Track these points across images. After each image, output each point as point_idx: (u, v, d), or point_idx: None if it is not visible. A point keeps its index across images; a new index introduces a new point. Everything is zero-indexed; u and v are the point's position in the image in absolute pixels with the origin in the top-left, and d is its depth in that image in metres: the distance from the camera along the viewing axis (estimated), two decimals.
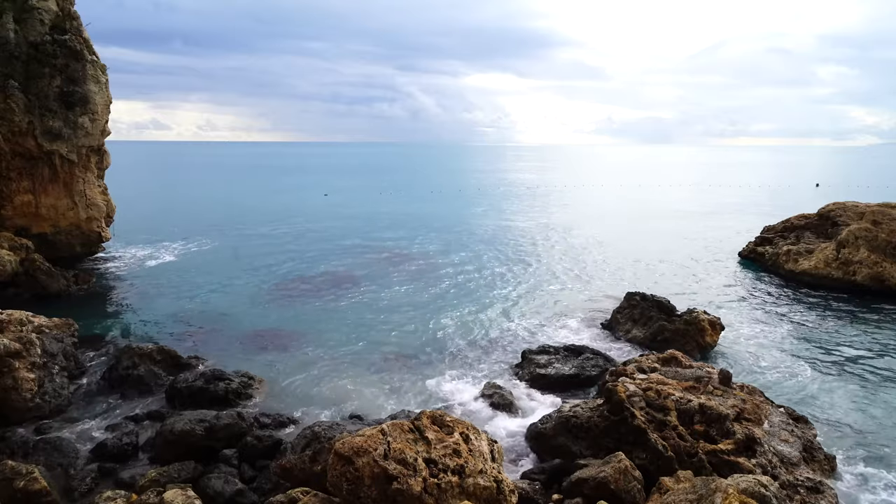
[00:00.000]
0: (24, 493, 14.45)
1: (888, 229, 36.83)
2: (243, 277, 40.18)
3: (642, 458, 15.68)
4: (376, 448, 12.57)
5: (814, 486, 14.98)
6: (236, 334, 28.80)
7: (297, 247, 51.44)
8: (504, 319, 31.61)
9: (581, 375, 22.84)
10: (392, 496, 12.04)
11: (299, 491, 13.82)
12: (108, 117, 42.36)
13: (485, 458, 13.39)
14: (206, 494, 15.06)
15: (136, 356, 23.24)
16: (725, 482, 12.13)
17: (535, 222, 68.38)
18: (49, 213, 40.00)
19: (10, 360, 19.60)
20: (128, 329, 29.73)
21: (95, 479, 16.44)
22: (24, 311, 22.56)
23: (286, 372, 24.38)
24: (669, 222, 68.34)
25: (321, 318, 31.30)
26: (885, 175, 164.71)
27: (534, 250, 50.82)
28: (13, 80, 36.42)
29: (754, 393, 18.92)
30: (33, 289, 34.00)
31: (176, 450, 17.25)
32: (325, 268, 43.35)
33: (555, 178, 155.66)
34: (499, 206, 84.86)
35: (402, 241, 54.97)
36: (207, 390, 20.88)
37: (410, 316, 31.84)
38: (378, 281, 39.38)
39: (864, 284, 35.85)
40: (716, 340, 27.02)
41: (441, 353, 26.75)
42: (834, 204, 44.53)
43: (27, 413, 19.31)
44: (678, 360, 20.66)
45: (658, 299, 28.87)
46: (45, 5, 38.35)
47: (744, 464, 14.92)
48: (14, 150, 37.70)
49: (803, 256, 40.00)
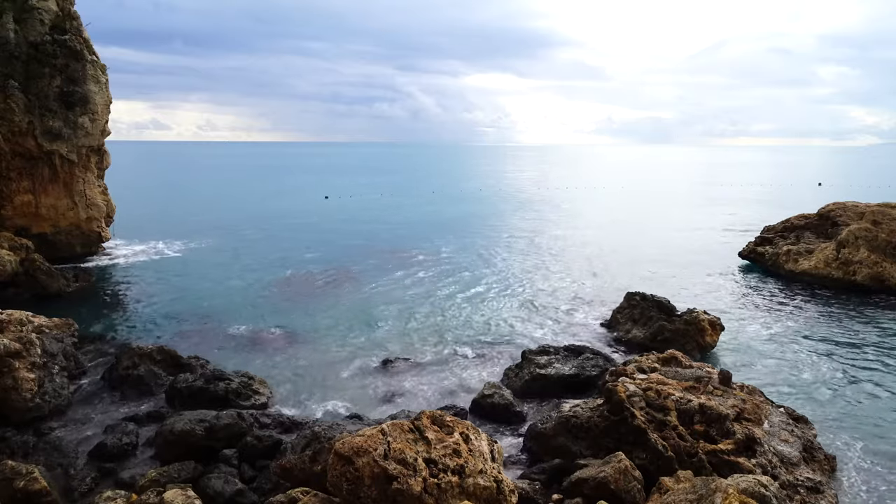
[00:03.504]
0: (24, 493, 14.45)
1: (888, 229, 36.84)
2: (243, 277, 40.20)
3: (642, 458, 15.67)
4: (376, 448, 12.56)
5: (814, 486, 14.99)
6: (237, 334, 28.81)
7: (296, 247, 51.45)
8: (504, 319, 31.61)
9: (581, 375, 22.82)
10: (392, 496, 12.03)
11: (299, 491, 13.82)
12: (108, 117, 42.40)
13: (485, 458, 13.39)
14: (206, 494, 15.05)
15: (136, 356, 23.24)
16: (725, 482, 12.12)
17: (534, 222, 68.43)
18: (49, 213, 40.03)
19: (10, 360, 19.60)
20: (128, 329, 29.73)
21: (95, 479, 16.45)
22: (24, 311, 22.57)
23: (286, 372, 24.40)
24: (669, 222, 68.41)
25: (321, 318, 31.31)
26: (885, 175, 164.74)
27: (533, 250, 50.85)
28: (13, 80, 36.45)
29: (754, 393, 18.92)
30: (33, 289, 34.02)
31: (176, 450, 17.24)
32: (325, 268, 43.36)
33: (555, 178, 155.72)
34: (499, 207, 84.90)
35: (402, 241, 55.00)
36: (207, 390, 20.88)
37: (410, 316, 31.86)
38: (378, 281, 39.40)
39: (864, 284, 35.85)
40: (716, 340, 27.01)
41: (441, 352, 26.76)
42: (834, 204, 44.52)
43: (27, 413, 19.30)
44: (678, 360, 20.66)
45: (658, 299, 28.87)
46: (45, 5, 38.38)
47: (744, 464, 14.91)
48: (14, 150, 37.72)
49: (803, 256, 40.00)
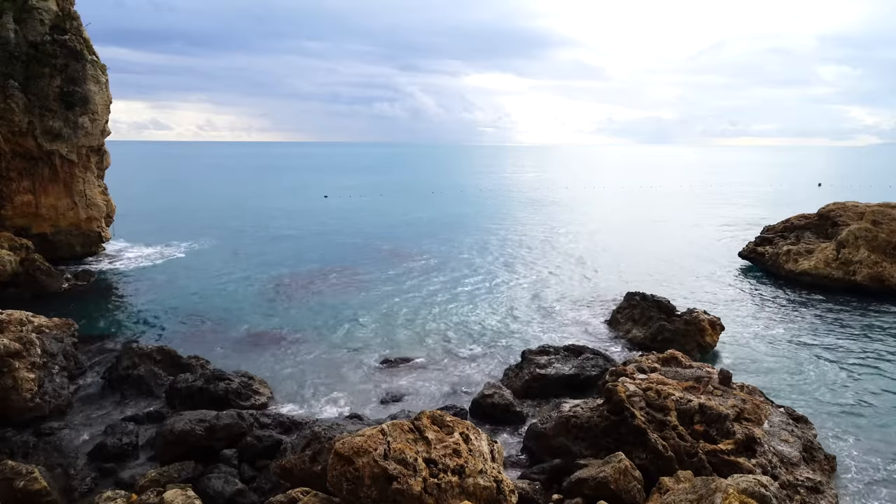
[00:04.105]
0: (24, 493, 14.45)
1: (888, 229, 36.83)
2: (243, 277, 40.19)
3: (642, 458, 15.67)
4: (376, 448, 12.56)
5: (814, 486, 14.98)
6: (236, 334, 28.81)
7: (296, 247, 51.47)
8: (504, 319, 31.62)
9: (581, 375, 22.82)
10: (392, 496, 12.03)
11: (299, 491, 13.82)
12: (108, 117, 42.38)
13: (485, 458, 13.39)
14: (206, 494, 15.05)
15: (136, 356, 23.24)
16: (725, 482, 12.12)
17: (534, 223, 68.42)
18: (49, 213, 40.02)
19: (10, 360, 19.60)
20: (128, 329, 29.74)
21: (95, 479, 16.47)
22: (24, 311, 22.57)
23: (286, 372, 24.40)
24: (669, 222, 68.42)
25: (321, 318, 31.31)
26: (885, 175, 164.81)
27: (534, 251, 50.85)
28: (13, 80, 36.45)
29: (754, 393, 18.92)
30: (33, 289, 34.04)
31: (176, 450, 17.25)
32: (324, 268, 43.35)
33: (555, 178, 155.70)
34: (499, 207, 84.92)
35: (402, 241, 55.00)
36: (207, 390, 20.87)
37: (410, 316, 31.87)
38: (378, 281, 39.40)
39: (864, 284, 35.84)
40: (716, 340, 27.01)
41: (441, 352, 26.77)
42: (834, 204, 44.51)
43: (27, 413, 19.31)
44: (678, 360, 20.66)
45: (658, 299, 28.88)
46: (45, 5, 38.37)
47: (744, 464, 14.91)
48: (14, 150, 37.72)
49: (803, 256, 39.98)
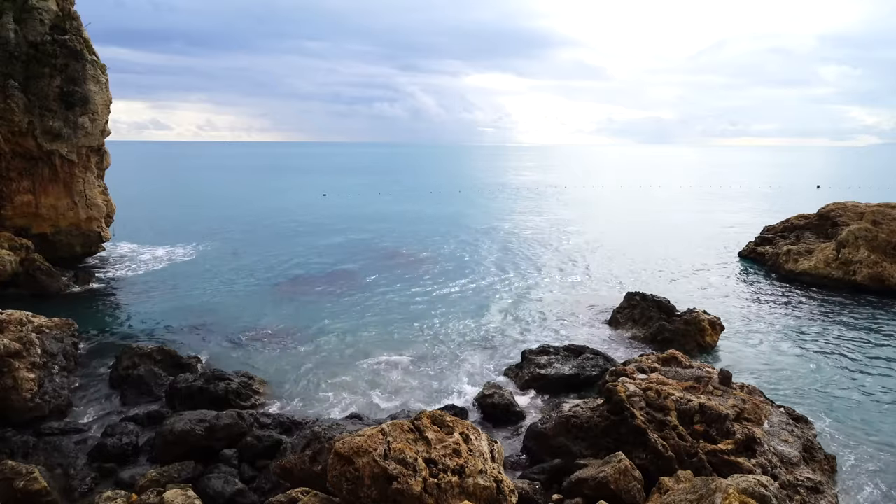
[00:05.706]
0: (24, 493, 14.45)
1: (888, 229, 36.83)
2: (243, 277, 40.20)
3: (642, 458, 15.67)
4: (376, 448, 12.56)
5: (814, 486, 14.98)
6: (236, 334, 28.80)
7: (296, 247, 51.45)
8: (504, 319, 31.61)
9: (581, 375, 22.84)
10: (392, 496, 12.03)
11: (299, 491, 13.82)
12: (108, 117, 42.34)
13: (485, 458, 13.39)
14: (206, 494, 15.06)
15: (136, 356, 23.25)
16: (725, 482, 12.12)
17: (535, 223, 68.41)
18: (49, 213, 39.97)
19: (10, 360, 19.60)
20: (128, 329, 29.73)
21: (95, 479, 16.46)
22: (24, 311, 22.58)
23: (286, 372, 24.39)
24: (669, 222, 68.38)
25: (321, 318, 31.30)
26: (885, 175, 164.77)
27: (534, 251, 50.83)
28: (13, 80, 36.40)
29: (754, 393, 18.91)
30: (33, 289, 34.02)
31: (176, 450, 17.25)
32: (324, 268, 43.37)
33: (555, 178, 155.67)
34: (499, 207, 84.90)
35: (401, 241, 54.99)
36: (207, 390, 20.88)
37: (410, 316, 31.86)
38: (378, 281, 39.40)
39: (864, 284, 35.85)
40: (716, 340, 27.01)
41: (441, 352, 26.76)
42: (834, 204, 44.54)
43: (27, 413, 19.30)
44: (678, 360, 20.66)
45: (658, 299, 28.89)
46: (45, 5, 38.34)
47: (744, 464, 14.91)
48: (14, 150, 37.68)
49: (803, 256, 40.00)
